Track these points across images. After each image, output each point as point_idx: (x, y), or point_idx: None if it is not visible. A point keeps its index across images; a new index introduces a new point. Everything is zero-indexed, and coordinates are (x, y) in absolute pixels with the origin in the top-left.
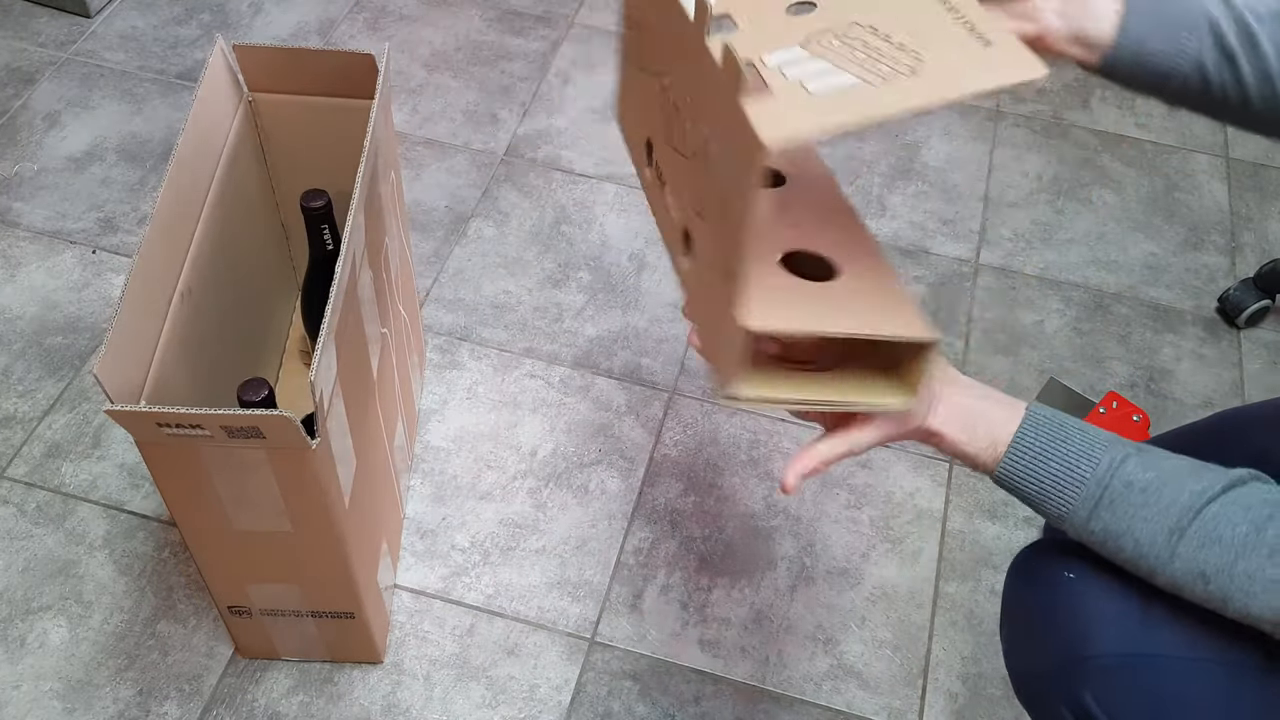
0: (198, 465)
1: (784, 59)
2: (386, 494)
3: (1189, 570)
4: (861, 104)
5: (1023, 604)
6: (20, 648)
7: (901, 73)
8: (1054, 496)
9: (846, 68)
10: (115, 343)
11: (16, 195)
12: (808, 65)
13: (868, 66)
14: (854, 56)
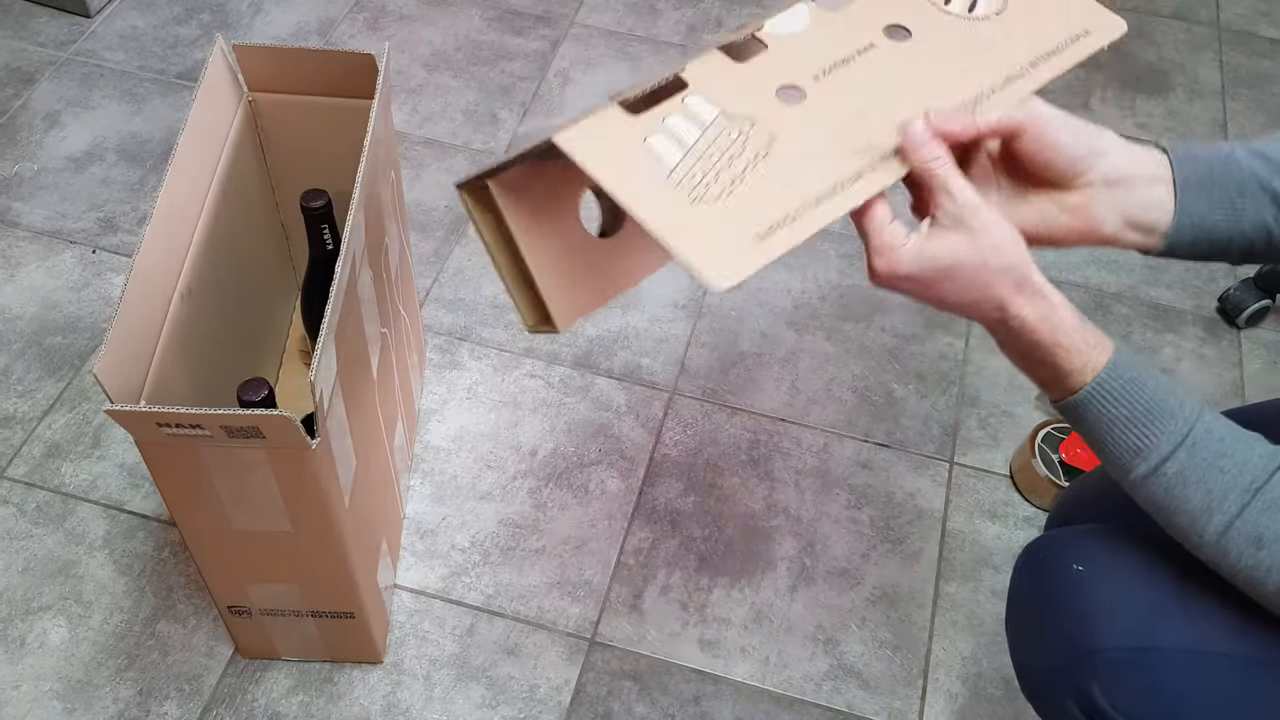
0: (198, 465)
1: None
2: (386, 494)
3: (1245, 534)
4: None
5: (1029, 597)
6: (20, 648)
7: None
8: (1142, 425)
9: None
10: (115, 343)
11: (16, 195)
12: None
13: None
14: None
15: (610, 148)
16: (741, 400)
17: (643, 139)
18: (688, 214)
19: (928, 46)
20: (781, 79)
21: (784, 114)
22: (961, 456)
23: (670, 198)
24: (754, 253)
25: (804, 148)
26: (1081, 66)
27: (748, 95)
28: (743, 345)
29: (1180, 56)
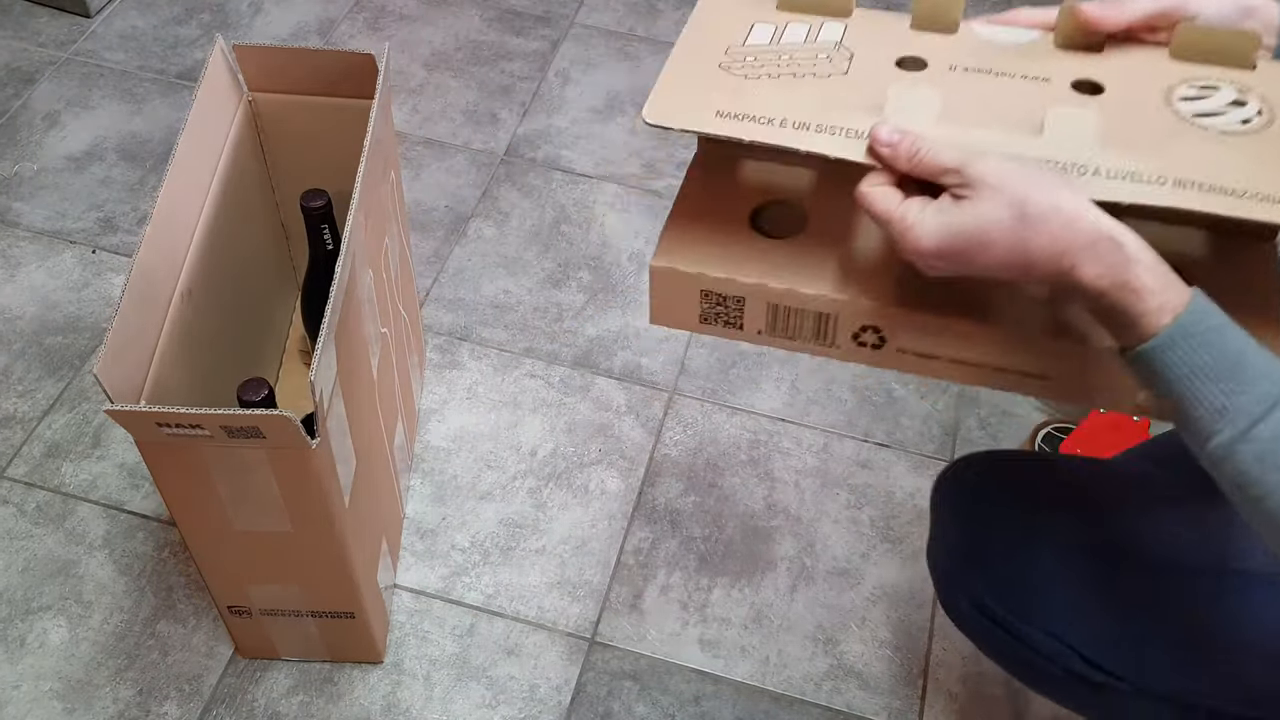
0: (198, 465)
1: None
2: (386, 494)
3: None
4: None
5: (935, 501)
6: (20, 648)
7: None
8: (1229, 380)
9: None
10: (115, 343)
11: (16, 195)
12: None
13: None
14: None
15: (726, 12)
16: (741, 400)
17: (754, 21)
18: (702, 67)
19: (1091, 110)
20: (927, 54)
21: (881, 68)
22: None
23: (711, 54)
24: (695, 116)
25: (854, 95)
26: None
27: (878, 43)
28: (743, 345)
29: None
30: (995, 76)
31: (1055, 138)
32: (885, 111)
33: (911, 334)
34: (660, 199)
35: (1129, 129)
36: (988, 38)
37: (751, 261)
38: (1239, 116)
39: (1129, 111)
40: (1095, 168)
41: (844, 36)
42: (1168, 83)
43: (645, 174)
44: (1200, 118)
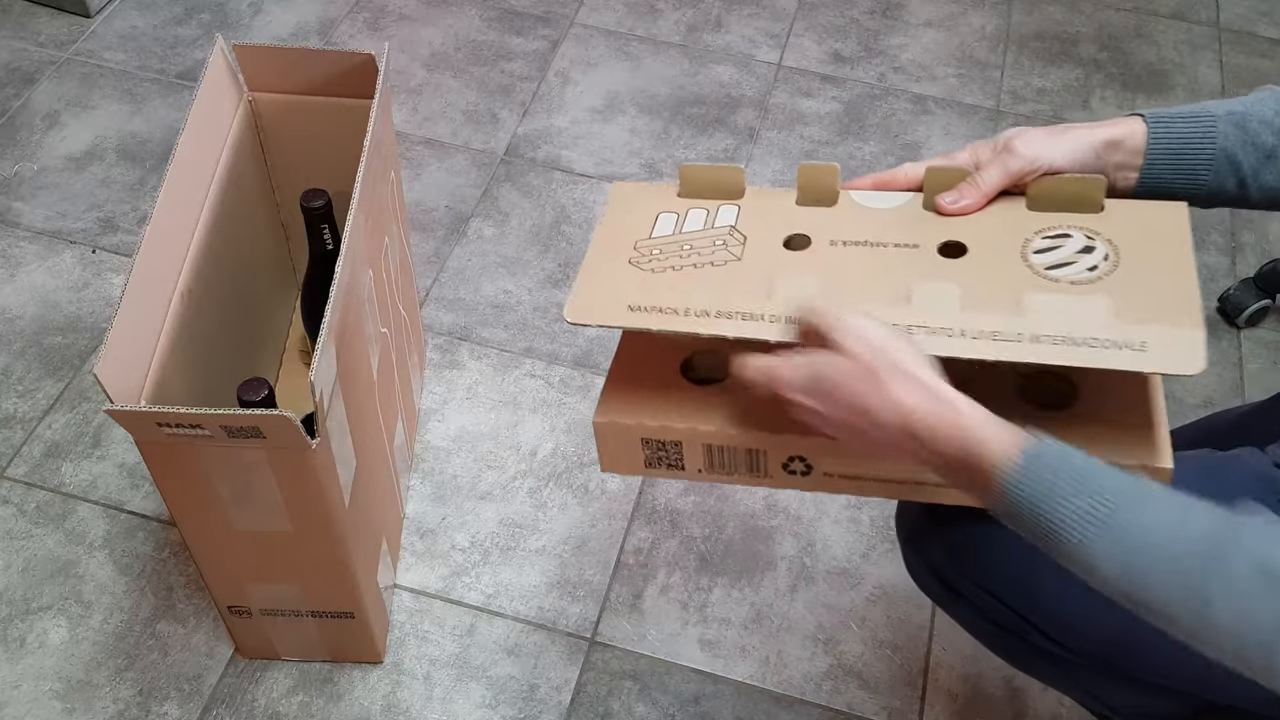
0: (197, 465)
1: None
2: (386, 494)
3: (1254, 562)
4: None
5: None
6: (20, 648)
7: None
8: (1090, 487)
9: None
10: (115, 342)
11: (16, 195)
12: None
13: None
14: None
15: (634, 206)
16: None
17: (658, 212)
18: (614, 264)
19: (953, 282)
20: (810, 229)
21: (770, 252)
22: None
23: (622, 250)
24: (610, 313)
25: (747, 284)
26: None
27: (770, 224)
28: None
29: (1180, 57)
30: (870, 248)
31: (922, 306)
32: (773, 294)
33: (833, 460)
34: None
35: (988, 292)
36: (864, 204)
37: (684, 408)
38: (1087, 264)
39: (988, 273)
40: (960, 330)
41: (738, 219)
42: (1024, 235)
43: (645, 174)
44: (1052, 270)
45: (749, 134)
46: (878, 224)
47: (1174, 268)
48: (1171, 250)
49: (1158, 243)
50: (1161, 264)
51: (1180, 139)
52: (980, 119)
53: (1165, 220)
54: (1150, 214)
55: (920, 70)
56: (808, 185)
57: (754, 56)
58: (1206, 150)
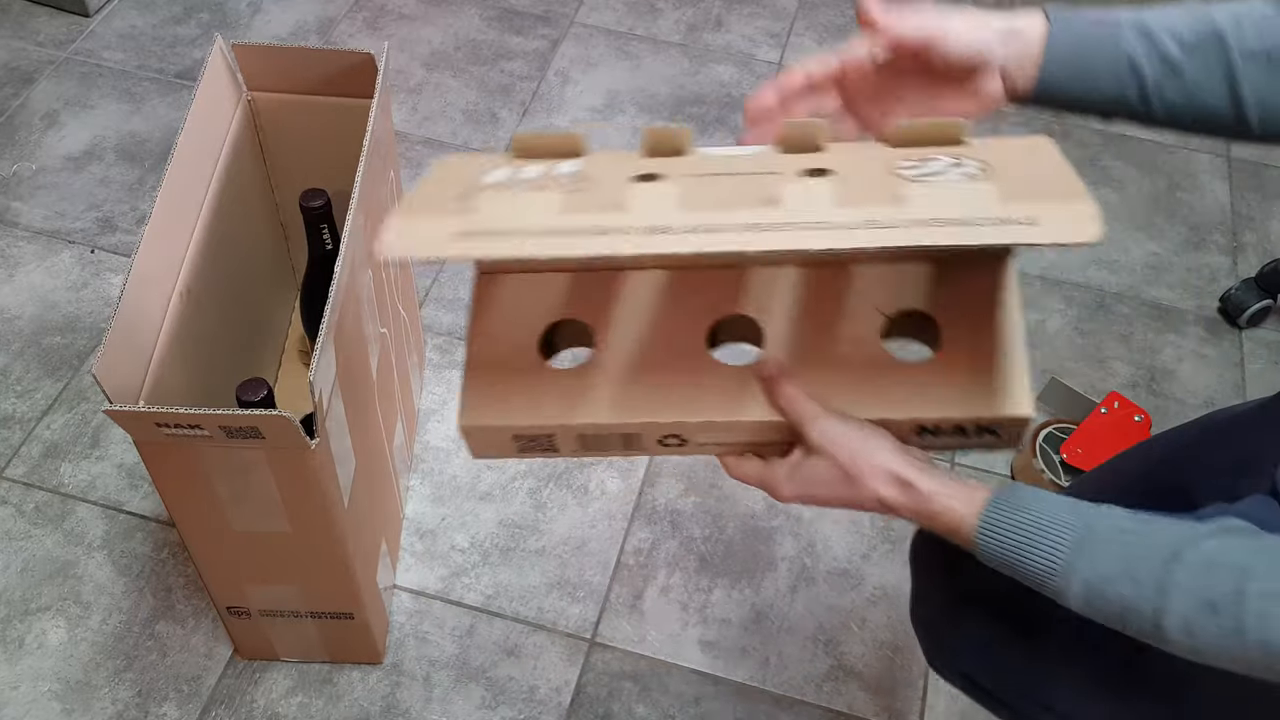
0: (196, 465)
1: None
2: (386, 494)
3: (1194, 602)
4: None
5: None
6: (19, 648)
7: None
8: (1042, 545)
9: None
10: (114, 343)
11: (15, 195)
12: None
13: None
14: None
15: (460, 166)
16: None
17: (490, 168)
18: (439, 203)
19: (824, 182)
20: (660, 170)
21: (619, 183)
22: (963, 456)
23: (449, 194)
24: (433, 242)
25: (594, 200)
26: None
27: (614, 170)
28: (743, 344)
29: None
30: (729, 176)
31: (793, 206)
32: (627, 208)
33: (706, 433)
34: None
35: (861, 190)
36: (716, 154)
37: (551, 400)
38: (960, 172)
39: (858, 181)
40: (835, 222)
41: (580, 169)
42: (888, 160)
43: None
44: (924, 178)
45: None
46: (733, 162)
47: (1052, 168)
48: (1046, 161)
49: (1028, 156)
50: (1038, 168)
51: (1081, 37)
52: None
53: (1031, 145)
54: (1014, 143)
55: None
56: (655, 141)
57: (754, 56)
58: (1107, 52)
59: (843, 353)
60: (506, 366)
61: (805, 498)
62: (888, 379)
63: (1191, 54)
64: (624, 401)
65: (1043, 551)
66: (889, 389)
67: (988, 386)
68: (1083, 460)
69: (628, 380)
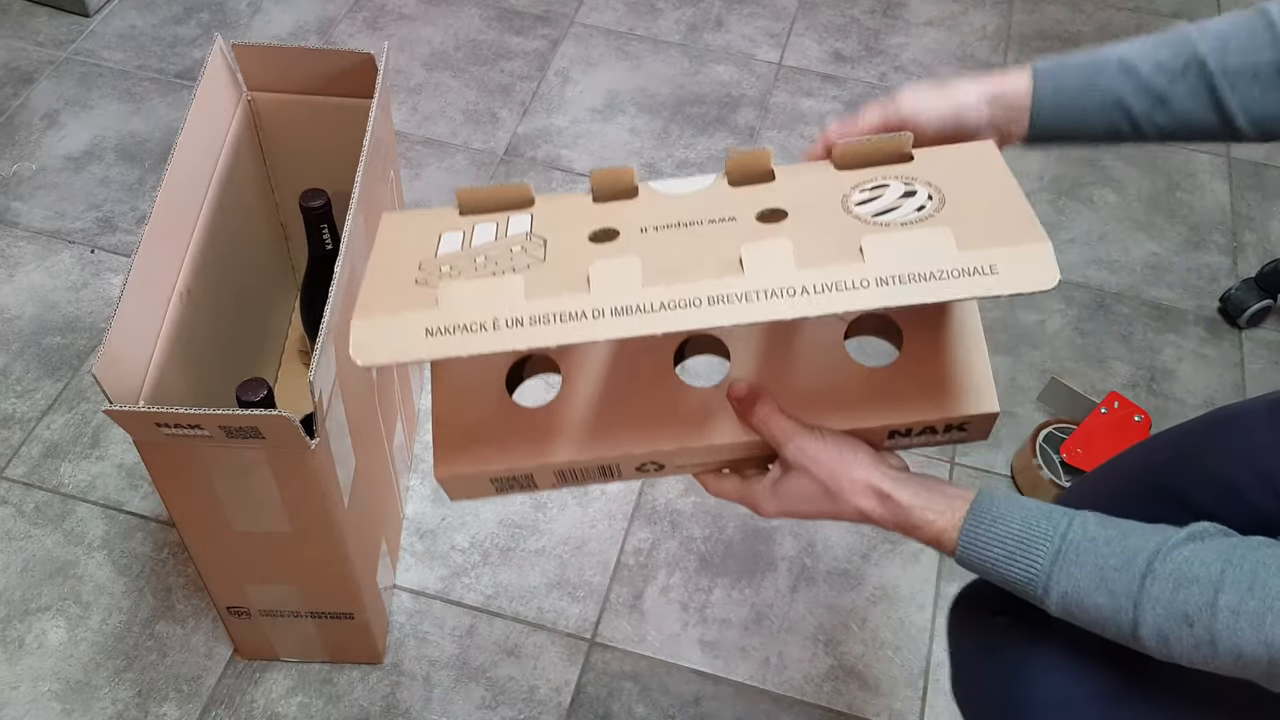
0: (196, 465)
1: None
2: (386, 494)
3: (1169, 615)
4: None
5: (961, 645)
6: (19, 648)
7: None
8: (1020, 559)
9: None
10: (114, 342)
11: (15, 195)
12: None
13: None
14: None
15: (410, 230)
16: None
17: (440, 231)
18: (397, 290)
19: (782, 239)
20: (615, 223)
21: (576, 248)
22: (963, 457)
23: (404, 275)
24: (405, 344)
25: (557, 279)
26: None
27: (570, 224)
28: None
29: None
30: (685, 228)
31: (757, 272)
32: (591, 288)
33: (683, 457)
34: None
35: (820, 245)
36: (666, 192)
37: (524, 440)
38: (913, 206)
39: (816, 229)
40: (801, 288)
41: (533, 225)
42: (841, 192)
43: (646, 173)
44: (880, 216)
45: (749, 133)
46: (685, 206)
47: (1000, 194)
48: (992, 180)
49: (975, 176)
50: (987, 193)
51: (1065, 86)
52: None
53: (976, 156)
54: (959, 154)
55: (921, 70)
56: (602, 185)
57: (754, 56)
58: (1093, 96)
59: (809, 364)
60: (475, 408)
61: (787, 513)
62: (856, 387)
63: (1175, 82)
64: (598, 434)
65: (1021, 564)
66: (858, 397)
67: (954, 385)
68: (1083, 460)
69: (599, 412)
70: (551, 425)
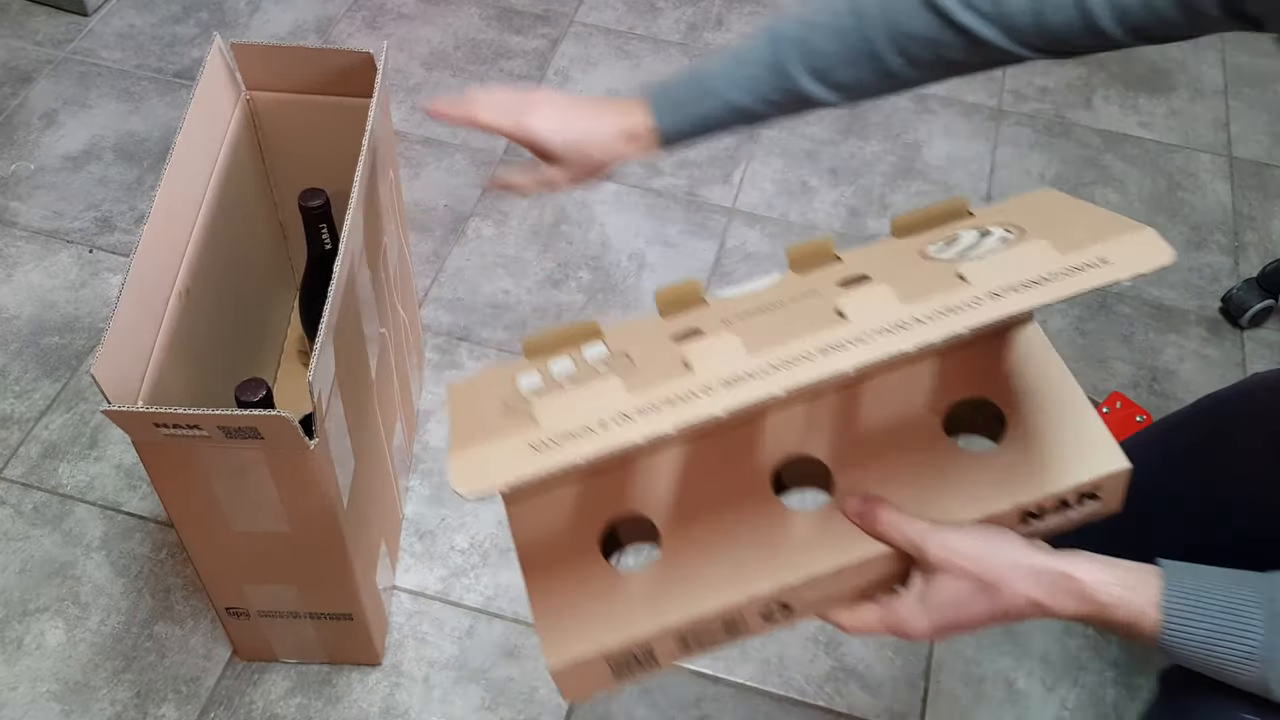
0: (195, 466)
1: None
2: (385, 495)
3: None
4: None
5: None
6: (17, 649)
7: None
8: (1233, 629)
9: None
10: (113, 342)
11: (13, 194)
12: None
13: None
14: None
15: (482, 385)
16: None
17: (514, 376)
18: (489, 423)
19: (878, 283)
20: (694, 324)
21: (665, 348)
22: None
23: (492, 413)
24: (511, 463)
25: (656, 371)
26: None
27: (648, 338)
28: None
29: (1183, 55)
30: (770, 311)
31: (861, 317)
32: (694, 368)
33: (813, 590)
34: (660, 198)
35: (918, 284)
36: (737, 293)
37: (635, 607)
38: (994, 240)
39: (906, 278)
40: (913, 318)
41: (610, 348)
42: (915, 249)
43: (645, 174)
44: (965, 253)
45: (749, 133)
46: (760, 298)
47: (1080, 211)
48: (1066, 205)
49: (1047, 207)
50: (1066, 215)
51: (683, 112)
52: (982, 118)
53: (1040, 197)
54: (1020, 201)
55: None
56: (669, 301)
57: None
58: (706, 114)
59: (915, 463)
60: (573, 585)
61: (945, 627)
62: (972, 476)
63: (774, 103)
64: (713, 584)
65: (1235, 637)
66: (978, 485)
67: (1074, 451)
68: None
69: (708, 561)
70: (660, 586)
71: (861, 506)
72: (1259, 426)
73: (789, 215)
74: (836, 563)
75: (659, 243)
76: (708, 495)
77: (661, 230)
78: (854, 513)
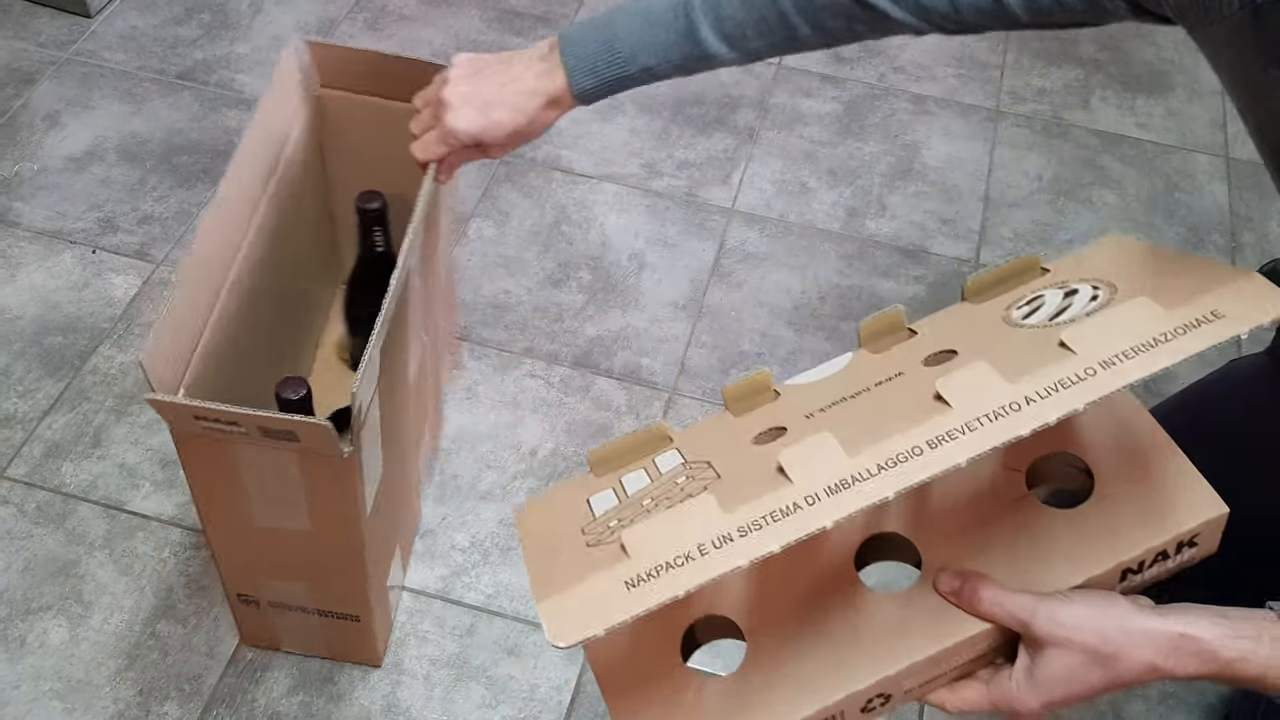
0: (228, 459)
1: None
2: (407, 503)
3: None
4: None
5: None
6: (20, 648)
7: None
8: None
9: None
10: (163, 331)
11: (16, 195)
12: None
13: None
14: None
15: (552, 509)
16: None
17: (586, 497)
18: (573, 560)
19: (974, 360)
20: (773, 421)
21: (747, 454)
22: None
23: (570, 546)
24: (608, 604)
25: (748, 484)
26: (1080, 66)
27: (723, 441)
28: (743, 345)
29: (1180, 56)
30: (854, 399)
31: (965, 402)
32: (792, 475)
33: (912, 678)
34: (660, 199)
35: (1017, 358)
36: (809, 381)
37: (727, 714)
38: (1084, 298)
39: (998, 350)
40: (1025, 398)
41: (685, 455)
42: (997, 317)
43: (645, 174)
44: (1055, 317)
45: (749, 134)
46: (838, 383)
47: (1167, 258)
48: (1147, 252)
49: (1126, 256)
50: (1153, 263)
51: (598, 76)
52: (980, 119)
53: (1117, 246)
54: (1094, 249)
55: (920, 70)
56: (738, 396)
57: None
58: (619, 77)
59: (1004, 528)
60: (661, 710)
61: (1056, 701)
62: (1067, 537)
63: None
64: (810, 685)
65: None
66: (1075, 545)
67: (1169, 500)
68: None
69: (801, 659)
70: (752, 693)
71: (959, 584)
72: (1238, 405)
73: (788, 216)
74: (937, 647)
75: (659, 243)
76: (789, 586)
77: (661, 230)
78: (950, 591)
